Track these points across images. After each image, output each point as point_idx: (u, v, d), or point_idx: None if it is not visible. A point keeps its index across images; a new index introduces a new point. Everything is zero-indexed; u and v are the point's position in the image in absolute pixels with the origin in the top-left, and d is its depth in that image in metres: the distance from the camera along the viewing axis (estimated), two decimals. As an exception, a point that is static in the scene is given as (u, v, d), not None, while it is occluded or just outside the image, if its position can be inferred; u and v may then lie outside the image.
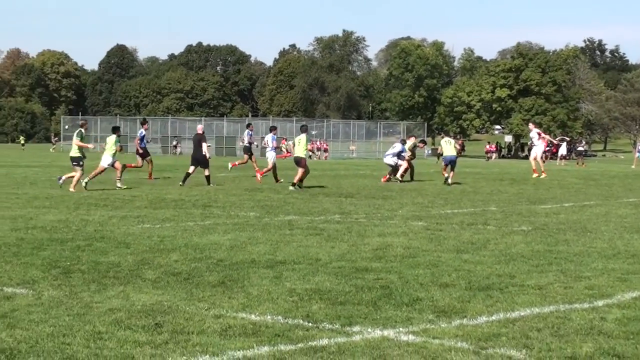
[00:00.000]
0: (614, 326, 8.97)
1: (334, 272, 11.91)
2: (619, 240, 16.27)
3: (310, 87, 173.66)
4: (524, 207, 23.63)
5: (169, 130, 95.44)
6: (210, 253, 13.62)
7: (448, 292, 10.65)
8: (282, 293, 10.45)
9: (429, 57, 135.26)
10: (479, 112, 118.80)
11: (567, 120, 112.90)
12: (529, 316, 9.36)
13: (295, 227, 17.64)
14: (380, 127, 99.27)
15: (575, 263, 13.15)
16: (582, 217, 20.84)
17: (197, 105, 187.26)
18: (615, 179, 41.68)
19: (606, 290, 10.91)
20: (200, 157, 31.73)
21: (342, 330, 8.66)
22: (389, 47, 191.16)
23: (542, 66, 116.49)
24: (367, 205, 23.36)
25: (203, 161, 31.62)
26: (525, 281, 11.47)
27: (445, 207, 23.27)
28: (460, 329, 8.74)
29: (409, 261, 13.07)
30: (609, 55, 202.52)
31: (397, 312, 9.47)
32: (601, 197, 28.28)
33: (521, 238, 16.29)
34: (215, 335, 8.38)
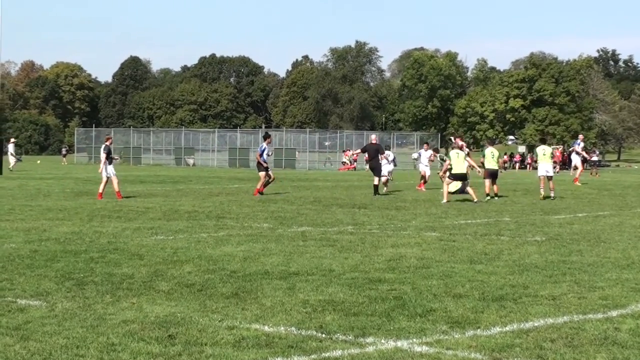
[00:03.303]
0: (628, 336, 8.94)
1: (347, 283, 11.91)
2: (633, 250, 16.23)
3: (323, 98, 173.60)
4: (537, 218, 23.59)
5: (182, 141, 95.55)
6: (224, 264, 13.63)
7: (461, 302, 10.64)
8: (295, 304, 10.44)
9: (442, 68, 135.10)
10: (492, 123, 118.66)
11: (580, 131, 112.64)
12: (542, 327, 9.34)
13: (309, 238, 17.64)
14: (393, 137, 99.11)
15: (589, 273, 13.12)
16: (595, 228, 20.79)
17: (210, 116, 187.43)
18: (629, 189, 41.57)
19: (620, 301, 10.89)
20: (377, 166, 33.96)
21: (355, 341, 8.65)
22: (402, 57, 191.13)
23: (555, 76, 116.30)
24: (380, 216, 23.35)
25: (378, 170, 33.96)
26: (538, 292, 11.45)
27: (458, 218, 23.24)
28: (473, 340, 8.72)
29: (422, 272, 13.05)
30: (623, 65, 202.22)
31: (411, 323, 9.46)
32: (615, 208, 28.21)
33: (535, 248, 16.26)
34: (228, 346, 8.38)
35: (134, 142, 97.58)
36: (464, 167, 30.36)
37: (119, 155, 43.42)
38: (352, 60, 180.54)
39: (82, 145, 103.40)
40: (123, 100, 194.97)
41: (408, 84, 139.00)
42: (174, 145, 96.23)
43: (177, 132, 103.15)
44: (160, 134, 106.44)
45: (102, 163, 29.84)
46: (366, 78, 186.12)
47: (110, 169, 29.63)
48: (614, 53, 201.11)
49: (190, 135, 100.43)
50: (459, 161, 30.37)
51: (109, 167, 29.68)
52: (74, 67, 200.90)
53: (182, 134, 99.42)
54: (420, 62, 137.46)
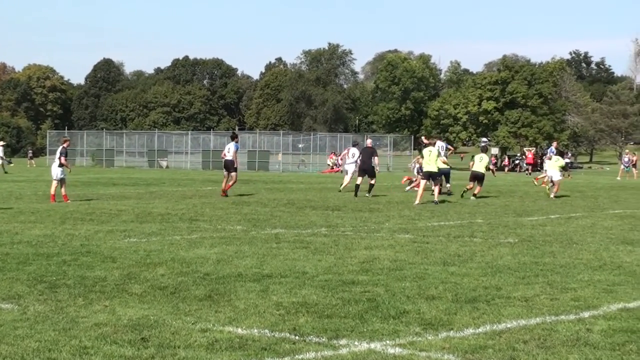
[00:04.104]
0: (599, 337, 8.99)
1: (320, 285, 11.91)
2: (605, 251, 16.32)
3: (297, 101, 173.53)
4: (510, 219, 23.67)
5: (155, 144, 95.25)
6: (197, 267, 13.60)
7: (435, 304, 10.66)
8: (268, 306, 10.44)
9: (415, 70, 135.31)
10: (465, 125, 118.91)
11: (553, 132, 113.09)
12: (515, 328, 9.38)
13: (282, 240, 17.63)
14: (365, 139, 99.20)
15: (561, 275, 13.18)
16: (568, 229, 20.89)
17: (183, 119, 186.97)
18: (601, 191, 41.80)
19: (592, 302, 10.94)
20: (369, 169, 34.59)
21: (328, 343, 8.66)
22: (376, 60, 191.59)
23: (528, 79, 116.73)
24: (353, 218, 23.37)
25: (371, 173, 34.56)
26: (511, 293, 11.49)
27: (431, 220, 23.29)
28: (446, 342, 8.75)
29: (396, 274, 13.08)
30: (595, 67, 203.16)
31: (384, 325, 9.48)
32: (587, 209, 28.36)
33: (508, 250, 16.32)
34: (201, 349, 8.37)
35: (107, 144, 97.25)
36: (434, 165, 30.47)
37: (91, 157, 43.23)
38: (326, 63, 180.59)
39: (54, 148, 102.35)
40: (96, 102, 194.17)
41: (381, 86, 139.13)
42: (147, 148, 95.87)
43: (150, 135, 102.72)
44: (133, 136, 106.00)
45: (56, 165, 29.65)
46: (340, 80, 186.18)
47: (60, 172, 29.47)
48: (587, 55, 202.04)
49: (163, 137, 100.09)
50: (431, 159, 30.50)
51: (59, 169, 29.52)
52: (46, 69, 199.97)
53: (155, 136, 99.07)
54: (393, 64, 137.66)
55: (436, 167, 30.56)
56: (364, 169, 34.99)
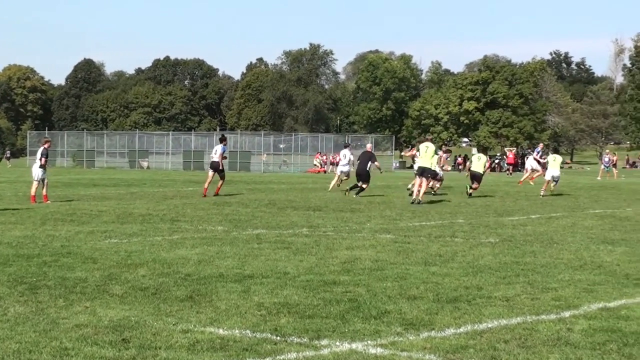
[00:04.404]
0: (580, 337, 9.02)
1: (302, 286, 11.91)
2: (585, 251, 16.37)
3: (278, 101, 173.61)
4: (491, 219, 23.73)
5: (136, 144, 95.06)
6: (178, 267, 13.58)
7: (416, 304, 10.67)
8: (250, 307, 10.43)
9: (396, 71, 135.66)
10: (446, 125, 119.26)
11: (533, 133, 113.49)
12: (496, 328, 9.40)
13: (264, 240, 17.62)
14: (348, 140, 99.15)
15: (542, 274, 13.22)
16: (548, 229, 20.95)
17: (164, 119, 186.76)
18: (582, 191, 41.92)
19: (573, 301, 10.98)
20: (363, 173, 34.77)
21: (310, 343, 8.66)
22: (357, 60, 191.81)
23: (509, 79, 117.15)
24: (335, 219, 23.37)
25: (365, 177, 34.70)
26: (492, 293, 11.52)
27: (413, 220, 23.32)
28: (428, 342, 8.76)
29: (377, 274, 13.08)
30: (575, 67, 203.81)
31: (365, 325, 9.48)
32: (567, 209, 28.44)
33: (489, 250, 16.35)
34: (183, 350, 8.36)
35: (88, 145, 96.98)
36: (428, 162, 30.82)
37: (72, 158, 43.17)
38: (307, 63, 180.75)
39: (35, 149, 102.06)
40: (76, 103, 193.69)
41: (363, 87, 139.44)
42: (127, 148, 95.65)
43: (131, 135, 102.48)
44: (114, 136, 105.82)
45: (37, 165, 29.65)
46: (321, 80, 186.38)
47: (41, 172, 29.40)
48: (567, 56, 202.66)
49: (144, 138, 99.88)
50: (427, 155, 30.96)
51: (40, 170, 29.45)
52: (27, 69, 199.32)
53: (136, 136, 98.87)
54: (374, 64, 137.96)
55: (430, 164, 30.90)
56: (359, 173, 35.16)
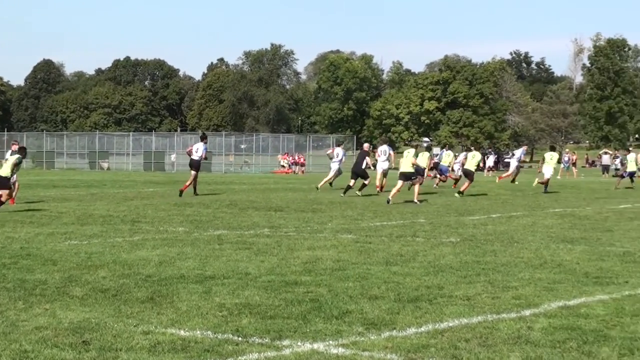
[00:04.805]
0: (540, 335, 9.07)
1: (263, 286, 11.89)
2: (545, 250, 16.47)
3: (239, 101, 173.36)
4: (452, 219, 23.81)
5: (96, 145, 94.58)
6: (139, 269, 13.52)
7: (377, 304, 10.69)
8: (211, 308, 10.40)
9: (357, 71, 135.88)
10: (407, 125, 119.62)
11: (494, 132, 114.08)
12: (457, 327, 9.43)
13: (225, 241, 17.58)
14: (309, 140, 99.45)
15: (502, 273, 13.28)
16: (509, 228, 21.06)
17: (125, 120, 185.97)
18: (541, 189, 42.15)
19: (533, 300, 11.04)
20: (359, 170, 35.67)
21: (271, 344, 8.65)
22: (318, 60, 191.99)
23: (469, 79, 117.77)
24: (296, 219, 23.37)
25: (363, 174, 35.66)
26: (453, 292, 11.56)
27: (374, 220, 23.36)
28: (389, 341, 8.77)
29: (339, 274, 13.09)
30: (535, 67, 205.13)
31: (327, 325, 9.48)
32: (528, 208, 28.60)
33: (449, 249, 16.41)
34: (144, 351, 8.32)
35: (47, 146, 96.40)
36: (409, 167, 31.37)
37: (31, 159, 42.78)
38: (268, 63, 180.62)
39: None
40: (36, 104, 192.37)
41: (324, 87, 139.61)
42: (87, 149, 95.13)
43: (91, 136, 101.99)
44: (74, 137, 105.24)
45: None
46: (282, 81, 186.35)
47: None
48: (527, 55, 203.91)
49: (104, 138, 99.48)
50: (407, 160, 31.50)
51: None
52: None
53: (96, 137, 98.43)
54: (336, 64, 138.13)
55: (411, 168, 31.45)
56: (355, 171, 36.12)
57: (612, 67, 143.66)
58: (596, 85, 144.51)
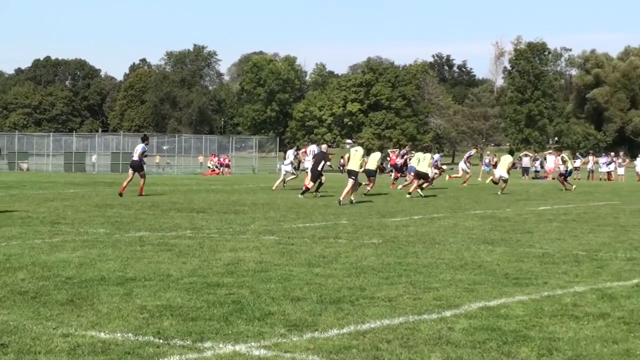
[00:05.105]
0: (461, 336, 9.15)
1: (185, 288, 11.83)
2: (466, 251, 16.62)
3: (161, 102, 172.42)
4: (374, 221, 23.91)
5: (15, 146, 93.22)
6: (59, 271, 13.35)
7: (300, 305, 10.69)
8: (132, 310, 10.32)
9: (281, 72, 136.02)
10: (330, 127, 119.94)
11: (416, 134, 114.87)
12: (379, 328, 9.47)
13: (146, 243, 17.46)
14: (232, 141, 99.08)
15: (424, 274, 13.37)
16: (430, 230, 21.20)
17: (45, 120, 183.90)
18: (462, 192, 42.55)
19: (454, 301, 11.13)
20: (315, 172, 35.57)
21: (193, 346, 8.60)
22: (242, 61, 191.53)
23: (392, 81, 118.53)
24: (219, 220, 23.29)
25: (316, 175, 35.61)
26: (375, 293, 11.60)
27: (297, 221, 23.37)
28: (311, 342, 8.78)
29: (261, 275, 13.08)
30: (457, 70, 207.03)
31: (249, 327, 9.46)
32: (449, 210, 28.83)
33: (372, 251, 16.47)
34: (63, 354, 8.22)
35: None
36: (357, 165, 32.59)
37: None
38: (191, 64, 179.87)
39: None
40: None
41: (247, 88, 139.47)
42: (6, 150, 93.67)
43: (10, 136, 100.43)
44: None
45: None
46: (205, 82, 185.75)
47: None
48: (449, 58, 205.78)
49: (24, 139, 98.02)
50: (355, 158, 32.65)
51: None
52: None
53: (16, 138, 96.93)
54: (259, 66, 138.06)
55: (358, 167, 32.62)
56: (312, 170, 36.39)
57: (532, 71, 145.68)
58: (517, 88, 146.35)
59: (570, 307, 10.85)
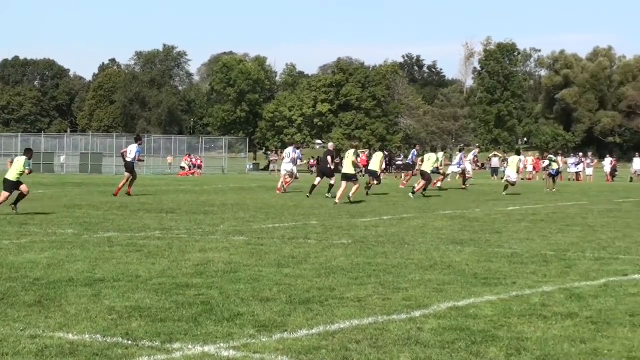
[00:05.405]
0: (430, 336, 9.17)
1: (154, 289, 11.80)
2: (435, 251, 16.66)
3: (131, 102, 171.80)
4: (344, 221, 23.93)
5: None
6: (27, 272, 13.28)
7: (269, 306, 10.68)
8: (101, 311, 10.28)
9: (251, 72, 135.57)
10: (300, 127, 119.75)
11: (386, 135, 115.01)
12: (348, 328, 9.48)
13: (115, 244, 17.39)
14: (202, 142, 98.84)
15: (393, 275, 13.39)
16: (400, 230, 21.24)
17: (13, 120, 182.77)
18: (432, 192, 42.62)
19: (423, 301, 11.15)
20: (325, 170, 36.12)
21: (162, 347, 8.58)
22: (211, 62, 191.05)
23: (362, 81, 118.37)
24: (188, 221, 23.24)
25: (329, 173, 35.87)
26: (344, 294, 11.61)
27: (266, 222, 23.35)
28: (281, 343, 8.78)
29: (230, 276, 13.06)
30: (427, 70, 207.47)
31: (218, 328, 9.45)
32: (419, 210, 28.89)
33: (341, 251, 16.49)
34: (31, 356, 8.18)
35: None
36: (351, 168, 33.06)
37: None
38: (160, 64, 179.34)
39: None
40: None
41: (217, 88, 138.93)
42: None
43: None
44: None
45: None
46: (175, 82, 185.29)
47: None
48: (419, 59, 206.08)
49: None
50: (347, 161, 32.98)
51: None
52: None
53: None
54: (229, 66, 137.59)
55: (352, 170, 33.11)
56: (322, 170, 37.06)
57: (502, 71, 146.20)
58: (486, 88, 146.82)
59: (539, 307, 10.90)
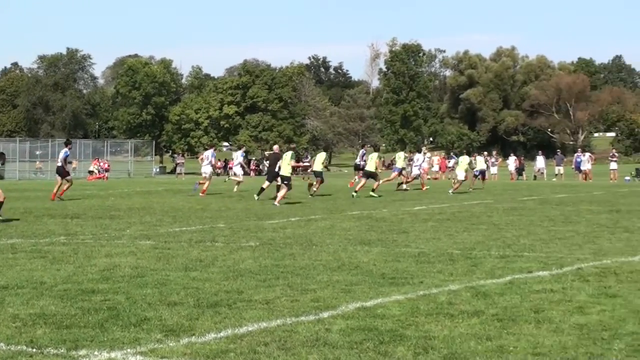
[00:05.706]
0: (338, 337, 9.19)
1: (59, 295, 11.63)
2: (343, 252, 16.72)
3: (34, 107, 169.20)
4: (251, 223, 23.89)
5: None
6: None
7: (176, 310, 10.62)
8: (4, 319, 10.10)
9: (156, 75, 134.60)
10: (207, 129, 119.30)
11: (293, 136, 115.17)
12: (256, 331, 9.46)
13: (19, 250, 17.11)
14: (107, 145, 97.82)
15: (301, 276, 13.40)
16: (308, 231, 21.27)
17: None
18: (340, 193, 42.73)
19: (331, 302, 11.18)
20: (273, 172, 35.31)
21: (67, 354, 8.47)
22: (116, 64, 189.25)
23: (268, 83, 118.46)
24: (94, 226, 22.97)
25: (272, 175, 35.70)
26: (253, 296, 11.59)
27: (173, 225, 23.21)
28: (188, 347, 8.73)
29: (137, 281, 12.94)
30: (333, 72, 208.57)
31: (125, 333, 9.36)
32: (326, 211, 28.97)
33: (249, 254, 16.46)
34: None
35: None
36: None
37: None
38: (64, 68, 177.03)
39: None
40: None
41: (122, 91, 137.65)
42: None
43: None
44: None
45: None
46: (79, 85, 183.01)
47: None
48: (325, 60, 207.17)
49: None
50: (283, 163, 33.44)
51: None
52: None
53: None
54: (134, 69, 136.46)
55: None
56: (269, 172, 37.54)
57: (407, 72, 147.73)
58: (392, 89, 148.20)
59: (446, 306, 11.00)
